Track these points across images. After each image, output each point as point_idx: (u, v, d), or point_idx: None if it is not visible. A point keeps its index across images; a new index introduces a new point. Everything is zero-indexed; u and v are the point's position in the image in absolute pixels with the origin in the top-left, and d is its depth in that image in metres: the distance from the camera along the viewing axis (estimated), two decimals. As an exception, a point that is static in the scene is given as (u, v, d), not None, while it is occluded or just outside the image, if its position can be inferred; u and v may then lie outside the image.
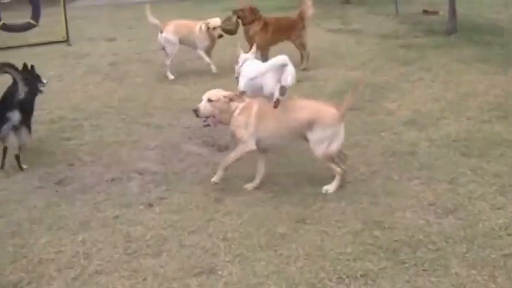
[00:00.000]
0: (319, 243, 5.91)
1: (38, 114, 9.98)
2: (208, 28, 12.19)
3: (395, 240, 5.87)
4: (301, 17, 12.93)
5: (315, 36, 14.61)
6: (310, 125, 6.92)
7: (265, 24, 12.55)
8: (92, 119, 10.02)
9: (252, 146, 7.13)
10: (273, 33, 12.59)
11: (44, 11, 17.16)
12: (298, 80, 10.95)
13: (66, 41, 16.55)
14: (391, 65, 12.51)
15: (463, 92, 10.40)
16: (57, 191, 7.40)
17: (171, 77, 12.09)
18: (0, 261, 5.89)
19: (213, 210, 6.69)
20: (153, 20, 12.50)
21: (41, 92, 9.07)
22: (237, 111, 7.16)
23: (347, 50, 14.28)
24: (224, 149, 8.40)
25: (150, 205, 6.91)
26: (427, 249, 5.71)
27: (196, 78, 12.14)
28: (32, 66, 9.03)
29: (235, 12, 12.49)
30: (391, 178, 7.28)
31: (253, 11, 12.54)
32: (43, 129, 9.61)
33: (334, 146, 6.98)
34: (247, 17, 12.48)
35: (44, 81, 9.20)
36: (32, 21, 16.63)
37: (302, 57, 12.84)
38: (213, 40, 12.37)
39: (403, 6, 18.76)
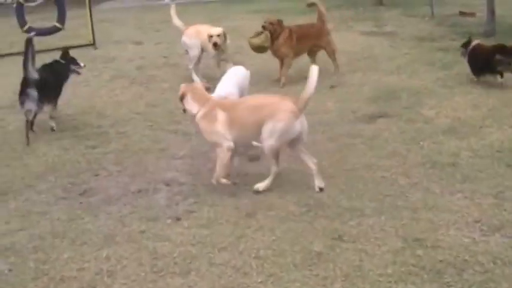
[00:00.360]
0: (358, 262, 5.54)
1: (62, 120, 9.78)
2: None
3: (440, 261, 5.48)
4: (322, 22, 12.42)
5: (347, 39, 14.25)
6: (265, 119, 6.91)
7: (290, 34, 11.92)
8: (118, 125, 9.73)
9: (229, 143, 7.09)
10: (298, 42, 11.96)
11: (70, 14, 16.92)
12: (332, 86, 10.64)
13: (93, 44, 16.28)
14: (427, 69, 12.08)
15: (506, 98, 9.93)
16: (81, 203, 7.09)
17: (196, 79, 11.67)
18: (21, 277, 5.62)
19: (245, 225, 6.33)
20: (178, 22, 12.22)
21: (78, 73, 10.29)
22: (199, 114, 7.20)
23: (381, 53, 13.83)
24: (255, 158, 8.03)
25: (178, 219, 6.57)
26: (473, 270, 5.31)
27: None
28: (67, 51, 10.34)
29: (265, 27, 11.74)
30: (432, 191, 6.88)
31: (281, 23, 11.93)
32: (67, 137, 9.32)
33: (283, 141, 6.98)
34: (277, 30, 11.81)
35: (82, 64, 10.26)
36: (57, 25, 16.38)
37: (334, 64, 12.32)
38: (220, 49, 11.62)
39: (439, 8, 18.23)
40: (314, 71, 6.97)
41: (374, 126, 9.04)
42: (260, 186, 7.09)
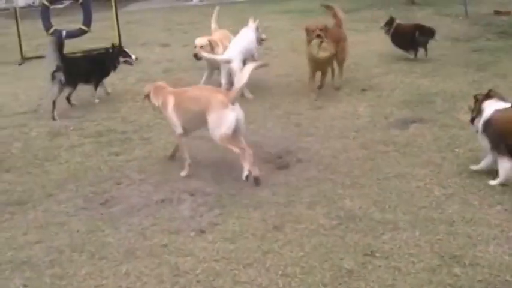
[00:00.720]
0: (391, 281, 5.23)
1: (86, 126, 9.61)
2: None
3: (479, 281, 5.16)
4: (339, 27, 11.38)
5: (378, 40, 13.85)
6: (205, 112, 7.35)
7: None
8: (142, 131, 9.45)
9: (179, 130, 7.79)
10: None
11: (96, 16, 16.72)
12: (363, 89, 10.30)
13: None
14: (463, 71, 11.64)
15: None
16: (101, 214, 6.83)
17: (224, 81, 11.20)
18: (36, 294, 5.33)
19: (272, 239, 6.03)
20: (214, 25, 11.95)
21: (130, 64, 11.87)
22: (159, 104, 7.92)
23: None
24: (284, 167, 7.72)
25: (202, 232, 6.27)
26: (516, 291, 4.97)
27: (253, 86, 11.44)
28: (114, 46, 11.83)
29: (321, 35, 10.40)
30: (469, 203, 6.52)
31: (326, 28, 10.76)
32: (90, 143, 9.10)
33: (224, 130, 7.26)
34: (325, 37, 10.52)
35: (133, 56, 11.76)
36: (83, 27, 16.17)
37: (340, 71, 11.32)
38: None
39: (472, 7, 17.75)
40: (249, 66, 7.75)
41: (407, 132, 8.68)
42: (245, 173, 7.28)
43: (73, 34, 16.27)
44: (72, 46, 16.16)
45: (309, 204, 6.68)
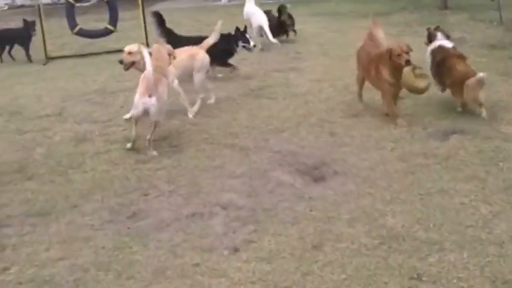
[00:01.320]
0: (442, 309, 4.82)
1: (112, 131, 9.30)
2: None
3: (535, 309, 4.74)
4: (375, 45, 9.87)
5: (413, 45, 13.28)
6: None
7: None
8: (171, 137, 9.09)
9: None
10: None
11: (122, 15, 16.42)
12: (400, 97, 9.87)
13: (146, 47, 15.64)
14: (502, 80, 11.15)
15: None
16: (129, 228, 6.45)
17: None
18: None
19: (311, 260, 5.63)
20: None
21: (249, 50, 12.45)
22: None
23: (450, 61, 12.91)
24: (320, 179, 7.35)
25: (236, 250, 5.89)
26: None
27: (284, 92, 11.09)
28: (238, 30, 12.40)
29: (409, 61, 8.99)
30: (519, 222, 6.09)
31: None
32: (117, 149, 8.75)
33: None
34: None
35: (251, 43, 12.38)
36: (109, 27, 15.88)
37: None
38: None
39: (507, 13, 17.24)
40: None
41: (448, 143, 8.25)
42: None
43: (99, 34, 16.04)
44: (98, 46, 15.98)
45: (348, 221, 6.30)
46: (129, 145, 8.71)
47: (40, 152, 8.86)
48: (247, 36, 12.31)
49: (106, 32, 15.96)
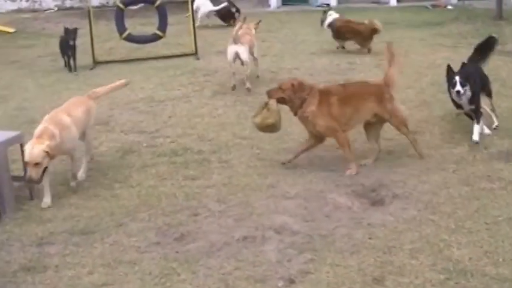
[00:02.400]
0: None
1: (159, 142, 9.03)
2: None
3: None
4: (387, 83, 8.41)
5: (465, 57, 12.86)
6: None
7: (325, 96, 8.04)
8: (221, 152, 8.70)
9: None
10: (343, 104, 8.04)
11: (171, 20, 16.15)
12: (457, 114, 9.37)
13: (195, 54, 15.36)
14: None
15: None
16: (177, 252, 6.08)
17: None
18: None
19: (373, 296, 5.20)
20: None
21: None
22: None
23: (509, 76, 12.37)
24: (379, 203, 6.92)
25: (292, 281, 5.49)
26: None
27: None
28: None
29: (270, 94, 8.15)
30: None
31: (300, 86, 8.01)
32: (164, 163, 8.41)
33: None
34: (294, 100, 7.99)
35: None
36: (158, 32, 15.58)
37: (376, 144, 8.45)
38: None
39: None
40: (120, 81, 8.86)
41: (512, 166, 7.78)
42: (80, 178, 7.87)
43: (147, 39, 15.79)
44: (146, 51, 15.72)
45: (411, 252, 5.87)
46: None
47: (85, 163, 8.55)
48: None
49: (155, 38, 15.67)
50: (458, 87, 8.49)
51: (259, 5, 24.76)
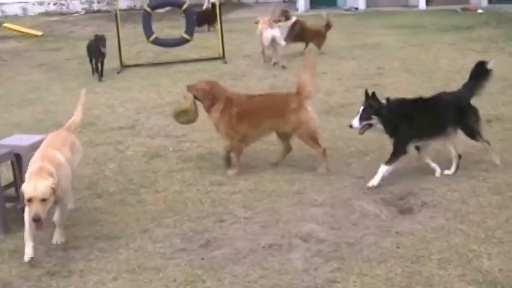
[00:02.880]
0: None
1: (186, 147, 8.99)
2: None
3: None
4: (299, 91, 8.21)
5: (500, 62, 12.57)
6: None
7: (228, 106, 8.18)
8: (248, 157, 8.49)
9: None
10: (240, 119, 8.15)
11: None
12: (488, 120, 9.23)
13: (222, 58, 15.32)
14: None
15: None
16: (202, 259, 6.01)
17: None
18: None
19: (401, 307, 5.10)
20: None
21: None
22: None
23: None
24: (407, 211, 6.82)
25: (317, 291, 5.39)
26: None
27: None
28: None
29: (189, 88, 8.38)
30: None
31: (211, 91, 8.18)
32: (190, 168, 8.37)
33: None
34: (204, 102, 8.25)
35: None
36: (185, 36, 15.56)
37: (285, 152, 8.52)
38: None
39: None
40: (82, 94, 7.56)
41: (546, 175, 7.64)
42: None
43: (175, 43, 15.78)
44: (173, 55, 15.70)
45: (439, 262, 5.75)
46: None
47: (111, 167, 8.55)
48: None
49: (182, 41, 15.68)
50: (354, 119, 7.57)
51: (287, 9, 24.73)
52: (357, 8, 24.38)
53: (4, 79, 14.76)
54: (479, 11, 22.54)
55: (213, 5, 18.85)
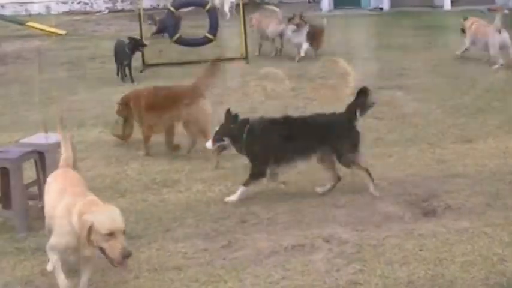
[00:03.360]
0: None
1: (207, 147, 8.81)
2: None
3: None
4: (196, 86, 9.06)
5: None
6: None
7: (137, 100, 9.11)
8: (271, 158, 8.55)
9: None
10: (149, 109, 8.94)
11: (222, 23, 16.11)
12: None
13: (245, 58, 15.28)
14: None
15: None
16: (224, 259, 5.99)
17: None
18: None
19: (422, 311, 5.06)
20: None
21: None
22: None
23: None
24: (430, 213, 6.76)
25: (339, 293, 5.35)
26: None
27: (391, 111, 10.48)
28: None
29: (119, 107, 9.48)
30: None
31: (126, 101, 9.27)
32: (213, 168, 8.31)
33: None
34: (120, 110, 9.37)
35: None
36: (209, 35, 15.54)
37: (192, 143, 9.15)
38: None
39: None
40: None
41: None
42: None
43: (198, 42, 15.76)
44: (196, 54, 15.69)
45: (462, 265, 5.70)
46: None
47: (134, 166, 8.54)
48: None
49: (205, 41, 15.63)
50: (209, 141, 7.68)
51: (311, 9, 24.63)
52: (381, 8, 24.23)
53: (28, 77, 14.79)
54: (506, 11, 22.28)
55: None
